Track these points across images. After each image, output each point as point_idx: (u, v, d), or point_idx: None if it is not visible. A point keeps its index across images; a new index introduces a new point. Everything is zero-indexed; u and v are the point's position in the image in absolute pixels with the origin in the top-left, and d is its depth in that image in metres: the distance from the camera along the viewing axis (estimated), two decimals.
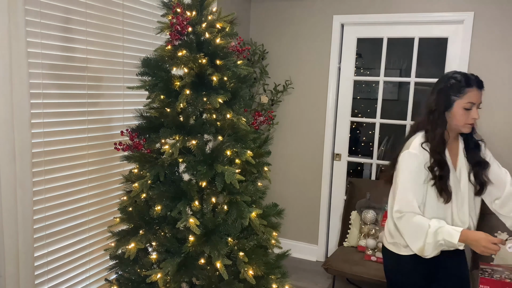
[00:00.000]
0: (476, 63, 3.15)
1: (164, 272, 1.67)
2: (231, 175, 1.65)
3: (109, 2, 2.27)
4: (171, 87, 1.76)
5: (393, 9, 3.36)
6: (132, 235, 1.83)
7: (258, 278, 1.78)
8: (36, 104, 1.93)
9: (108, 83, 2.33)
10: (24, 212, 1.80)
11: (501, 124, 3.13)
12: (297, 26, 3.70)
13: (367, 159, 3.81)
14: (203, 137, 1.79)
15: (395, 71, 5.32)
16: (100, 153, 2.31)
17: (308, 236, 3.88)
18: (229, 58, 1.80)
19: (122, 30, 2.37)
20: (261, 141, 1.94)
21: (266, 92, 3.79)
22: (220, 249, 1.67)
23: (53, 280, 2.10)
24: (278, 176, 3.89)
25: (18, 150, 1.76)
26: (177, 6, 1.73)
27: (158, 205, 1.72)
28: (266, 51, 3.78)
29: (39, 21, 1.90)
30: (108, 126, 2.35)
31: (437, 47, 3.73)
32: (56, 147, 2.05)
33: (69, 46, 2.07)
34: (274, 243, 1.88)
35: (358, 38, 3.56)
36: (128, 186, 1.91)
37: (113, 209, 2.41)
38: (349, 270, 2.92)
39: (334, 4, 3.55)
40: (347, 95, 3.65)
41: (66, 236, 2.15)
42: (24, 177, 1.79)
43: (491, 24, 3.08)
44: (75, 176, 2.17)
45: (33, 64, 1.89)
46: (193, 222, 1.66)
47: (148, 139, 1.81)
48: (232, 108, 1.80)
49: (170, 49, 1.75)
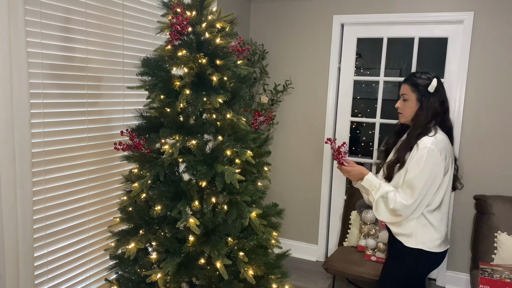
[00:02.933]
0: (476, 63, 3.16)
1: (164, 272, 1.67)
2: (231, 175, 1.65)
3: (109, 2, 2.27)
4: (171, 87, 1.76)
5: (393, 9, 3.36)
6: (132, 235, 1.83)
7: (258, 278, 1.78)
8: (36, 104, 1.93)
9: (108, 83, 2.33)
10: (24, 212, 1.80)
11: (501, 123, 3.13)
12: (297, 26, 3.70)
13: (367, 159, 3.80)
14: (203, 137, 1.79)
15: (395, 71, 5.32)
16: (100, 153, 2.31)
17: (308, 236, 3.88)
18: (229, 58, 1.80)
19: (122, 30, 2.37)
20: (261, 141, 1.95)
21: (266, 92, 3.79)
22: (220, 249, 1.67)
23: (53, 280, 2.10)
24: (278, 176, 3.89)
25: (18, 150, 1.76)
26: (177, 6, 1.73)
27: (158, 205, 1.72)
28: (266, 51, 3.78)
29: (39, 21, 1.90)
30: (108, 126, 2.35)
31: (437, 47, 3.73)
32: (56, 147, 2.05)
33: (69, 46, 2.07)
34: (274, 243, 1.88)
35: (358, 38, 3.56)
36: (128, 186, 1.91)
37: (113, 209, 2.42)
38: (349, 270, 2.92)
39: (334, 4, 3.55)
40: (347, 95, 3.65)
41: (66, 236, 2.15)
42: (24, 177, 1.79)
43: (491, 24, 3.09)
44: (75, 176, 2.17)
45: (33, 64, 1.89)
46: (193, 222, 1.66)
47: (148, 139, 1.81)
48: (232, 108, 1.79)
49: (170, 49, 1.75)
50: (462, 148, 3.25)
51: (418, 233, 1.95)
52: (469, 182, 3.25)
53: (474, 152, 3.22)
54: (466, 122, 3.23)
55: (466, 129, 3.23)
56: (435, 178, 1.88)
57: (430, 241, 1.96)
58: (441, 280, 3.40)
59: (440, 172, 1.89)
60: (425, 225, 1.95)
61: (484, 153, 3.19)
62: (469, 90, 3.20)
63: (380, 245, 3.04)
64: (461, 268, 3.34)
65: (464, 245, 3.31)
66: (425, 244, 1.95)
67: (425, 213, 1.95)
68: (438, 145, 1.88)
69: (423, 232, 1.95)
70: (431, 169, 1.86)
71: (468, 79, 3.19)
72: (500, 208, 2.94)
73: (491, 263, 2.82)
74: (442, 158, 1.88)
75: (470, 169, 3.24)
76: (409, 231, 1.96)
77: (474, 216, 3.16)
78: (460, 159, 3.27)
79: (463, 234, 3.30)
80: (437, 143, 1.88)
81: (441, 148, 1.88)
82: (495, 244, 2.88)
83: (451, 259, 3.37)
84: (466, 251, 3.30)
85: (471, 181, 3.24)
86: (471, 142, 3.22)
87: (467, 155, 3.24)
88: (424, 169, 1.86)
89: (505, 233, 2.85)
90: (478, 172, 3.22)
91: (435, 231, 1.97)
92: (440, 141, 1.90)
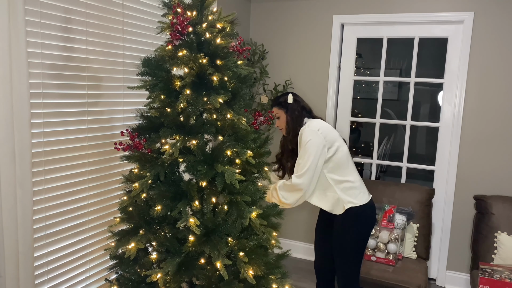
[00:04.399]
0: (476, 63, 3.16)
1: (164, 272, 1.67)
2: (231, 175, 1.65)
3: (109, 2, 2.27)
4: (172, 87, 1.76)
5: (393, 9, 3.36)
6: (132, 235, 1.83)
7: (258, 278, 1.78)
8: (36, 104, 1.93)
9: (108, 83, 2.33)
10: (24, 212, 1.80)
11: (501, 123, 3.13)
12: (297, 26, 3.70)
13: (367, 159, 3.80)
14: (203, 137, 1.79)
15: (395, 71, 5.32)
16: (100, 153, 2.31)
17: (308, 236, 3.88)
18: (230, 58, 1.80)
19: (122, 30, 2.37)
20: (261, 141, 1.94)
21: (266, 92, 3.79)
22: (220, 249, 1.67)
23: (53, 280, 2.10)
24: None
25: (18, 150, 1.76)
26: (177, 6, 1.73)
27: (158, 205, 1.72)
28: (266, 51, 3.78)
29: (39, 21, 1.90)
30: (108, 126, 2.35)
31: (437, 47, 3.74)
32: (56, 147, 2.05)
33: (69, 46, 2.07)
34: (274, 243, 1.88)
35: (358, 38, 3.56)
36: (128, 186, 1.90)
37: (113, 209, 2.42)
38: None
39: (334, 4, 3.55)
40: (347, 95, 3.65)
41: (66, 236, 2.15)
42: (24, 177, 1.79)
43: (491, 24, 3.09)
44: (75, 176, 2.17)
45: (33, 64, 1.89)
46: (193, 222, 1.66)
47: (149, 139, 1.81)
48: (232, 108, 1.79)
49: (170, 49, 1.75)
50: (462, 148, 3.25)
51: (342, 198, 2.30)
52: (469, 182, 3.25)
53: (474, 152, 3.22)
54: (466, 122, 3.23)
55: (466, 129, 3.24)
56: (318, 152, 2.25)
57: (354, 198, 2.31)
58: (441, 280, 3.40)
59: (321, 146, 2.25)
60: (344, 190, 2.31)
61: (484, 153, 3.19)
62: (469, 90, 3.20)
63: (380, 245, 3.04)
64: (461, 268, 3.35)
65: (464, 245, 3.32)
66: (352, 202, 2.29)
67: (334, 185, 2.31)
68: (313, 127, 2.31)
69: (346, 195, 2.30)
70: (311, 145, 2.25)
71: (468, 79, 3.19)
72: (500, 208, 2.95)
73: (491, 263, 2.82)
74: (320, 133, 2.27)
75: (470, 169, 3.24)
76: (333, 200, 2.32)
77: (474, 216, 3.16)
78: (460, 159, 3.27)
79: (463, 234, 3.31)
80: (312, 126, 2.31)
81: (317, 128, 2.29)
82: (495, 244, 2.88)
83: (451, 259, 3.37)
84: (466, 251, 3.30)
85: (471, 181, 3.25)
86: (471, 142, 3.23)
87: (467, 155, 3.25)
88: (307, 147, 2.25)
89: (505, 233, 2.85)
90: (478, 172, 3.22)
91: (355, 190, 2.33)
92: (315, 125, 2.32)
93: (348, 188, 2.31)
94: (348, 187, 2.31)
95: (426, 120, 3.33)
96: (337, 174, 2.31)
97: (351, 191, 2.31)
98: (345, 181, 2.31)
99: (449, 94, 3.30)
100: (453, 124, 3.27)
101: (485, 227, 2.97)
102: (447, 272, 3.39)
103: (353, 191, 2.31)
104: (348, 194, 2.30)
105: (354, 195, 2.31)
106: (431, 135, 4.76)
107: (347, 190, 2.30)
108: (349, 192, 2.30)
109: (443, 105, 3.34)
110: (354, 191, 2.31)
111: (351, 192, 2.31)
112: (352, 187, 2.31)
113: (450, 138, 3.32)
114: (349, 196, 2.30)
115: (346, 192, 2.30)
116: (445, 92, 3.33)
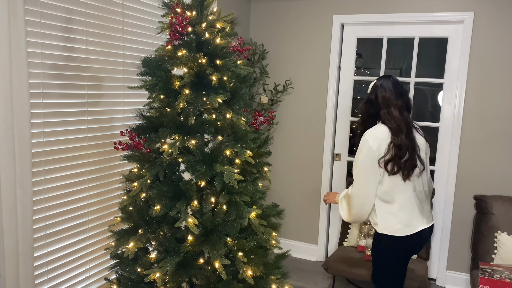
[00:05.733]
0: (476, 63, 3.15)
1: (162, 271, 1.67)
2: (230, 175, 1.65)
3: (109, 2, 2.27)
4: (171, 87, 1.76)
5: (393, 9, 3.36)
6: (131, 234, 1.83)
7: (257, 278, 1.78)
8: (36, 104, 1.93)
9: (108, 83, 2.33)
10: (24, 212, 1.81)
11: (501, 123, 3.13)
12: (297, 26, 3.70)
13: None
14: (203, 137, 1.79)
15: (395, 71, 5.31)
16: (100, 153, 2.31)
17: (308, 236, 3.88)
18: (229, 58, 1.80)
19: (122, 30, 2.38)
20: (261, 141, 1.94)
21: (266, 92, 3.79)
22: (218, 249, 1.67)
23: (53, 280, 2.10)
24: (278, 176, 3.89)
25: (18, 150, 1.76)
26: (177, 6, 1.73)
27: (157, 205, 1.72)
28: (266, 51, 3.78)
29: (39, 21, 1.91)
30: (108, 126, 2.35)
31: (437, 47, 3.73)
32: (56, 147, 2.05)
33: (69, 46, 2.07)
34: (273, 243, 1.88)
35: (358, 38, 3.56)
36: (128, 185, 1.91)
37: (113, 209, 2.42)
38: (349, 270, 2.92)
39: (334, 4, 3.55)
40: (347, 95, 3.65)
41: (66, 236, 2.15)
42: (24, 177, 1.79)
43: (491, 24, 3.09)
44: (75, 176, 2.17)
45: (33, 64, 1.89)
46: (192, 222, 1.66)
47: (148, 138, 1.81)
48: (231, 108, 1.80)
49: (170, 49, 1.75)
50: (462, 148, 3.25)
51: (380, 221, 2.14)
52: (469, 182, 3.25)
53: (474, 152, 3.22)
54: (466, 122, 3.23)
55: (466, 129, 3.23)
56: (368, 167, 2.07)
57: (390, 226, 2.12)
58: (441, 280, 3.40)
59: (373, 161, 2.05)
60: (385, 214, 2.13)
61: (484, 153, 3.19)
62: (469, 90, 3.20)
63: None
64: (461, 268, 3.34)
65: (464, 245, 3.31)
66: (387, 229, 2.12)
67: (379, 204, 2.13)
68: (372, 136, 2.08)
69: (384, 219, 2.13)
70: (361, 158, 2.08)
71: (468, 79, 3.19)
72: (500, 208, 2.94)
73: (491, 263, 2.82)
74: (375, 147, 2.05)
75: (470, 169, 3.24)
76: (375, 219, 2.17)
77: (474, 216, 3.16)
78: (460, 159, 3.27)
79: (463, 234, 3.30)
80: (371, 135, 2.09)
81: (374, 138, 2.06)
82: (495, 244, 2.88)
83: (451, 259, 3.37)
84: (466, 251, 3.30)
85: (471, 181, 3.24)
86: (471, 142, 3.22)
87: (467, 155, 3.24)
88: (356, 158, 2.12)
89: (505, 233, 2.85)
90: (478, 172, 3.22)
91: (394, 217, 2.12)
92: (376, 133, 2.08)
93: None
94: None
95: (426, 120, 3.35)
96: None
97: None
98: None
99: (449, 94, 3.30)
100: (453, 124, 3.27)
101: (485, 227, 2.97)
102: (447, 272, 3.38)
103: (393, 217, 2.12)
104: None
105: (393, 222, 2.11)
106: (431, 135, 4.76)
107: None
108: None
109: (443, 105, 3.34)
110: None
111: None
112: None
113: (450, 138, 3.32)
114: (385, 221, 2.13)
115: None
116: (445, 92, 3.33)
